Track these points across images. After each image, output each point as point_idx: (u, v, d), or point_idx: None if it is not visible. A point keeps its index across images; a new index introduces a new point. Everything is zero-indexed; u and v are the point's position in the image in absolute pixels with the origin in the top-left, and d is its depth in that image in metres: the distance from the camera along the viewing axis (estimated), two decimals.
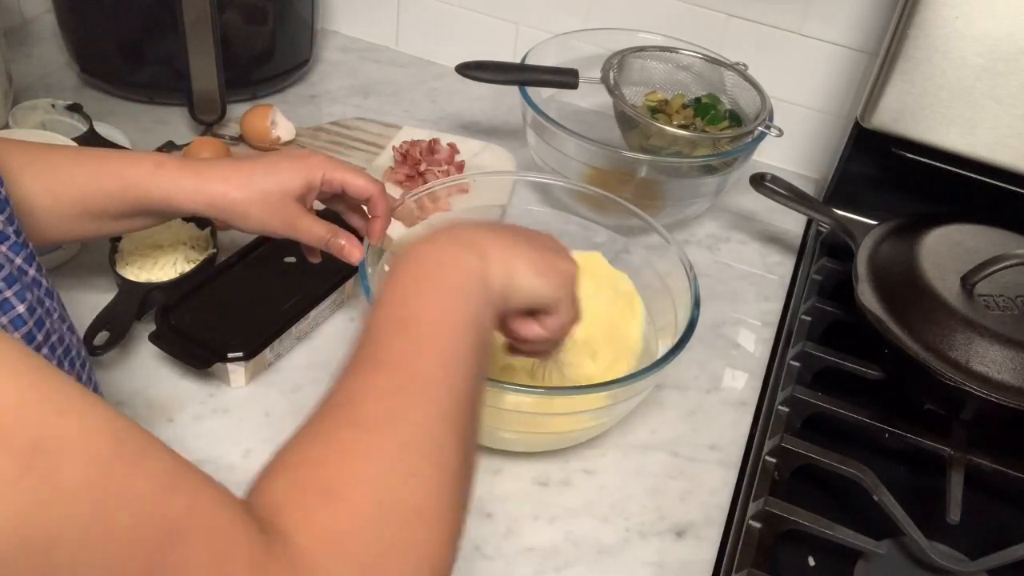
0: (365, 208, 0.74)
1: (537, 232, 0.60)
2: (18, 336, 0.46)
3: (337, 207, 0.75)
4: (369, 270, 0.71)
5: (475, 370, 0.49)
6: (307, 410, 0.75)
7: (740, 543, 0.68)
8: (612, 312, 0.77)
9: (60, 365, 0.50)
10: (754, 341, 0.88)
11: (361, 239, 0.72)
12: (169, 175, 0.66)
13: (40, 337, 0.47)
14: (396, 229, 0.77)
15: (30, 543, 0.30)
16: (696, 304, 0.72)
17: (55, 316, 0.51)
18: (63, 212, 0.65)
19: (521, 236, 0.57)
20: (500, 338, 0.61)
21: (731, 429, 0.79)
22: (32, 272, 0.51)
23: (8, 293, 0.46)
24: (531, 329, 0.58)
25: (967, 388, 0.74)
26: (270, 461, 0.43)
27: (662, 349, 0.73)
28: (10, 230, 0.50)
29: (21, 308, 0.46)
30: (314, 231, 0.70)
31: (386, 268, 0.77)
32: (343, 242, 0.71)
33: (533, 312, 0.58)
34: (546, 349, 0.62)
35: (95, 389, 0.55)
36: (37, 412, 0.31)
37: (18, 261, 0.50)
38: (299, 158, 0.71)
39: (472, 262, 0.53)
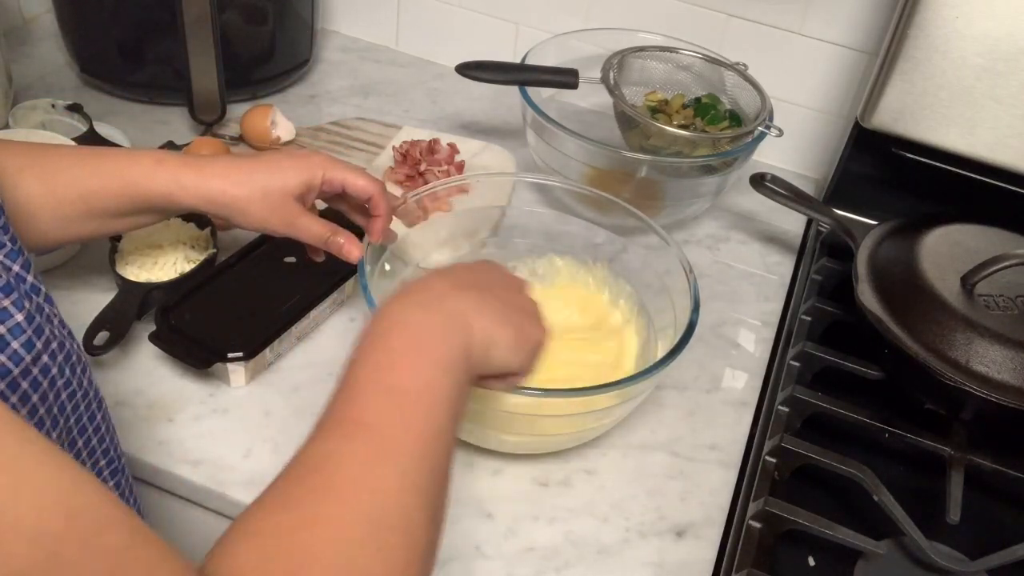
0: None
1: (516, 290, 0.62)
2: (17, 345, 0.46)
3: (339, 206, 0.75)
4: (368, 268, 0.71)
5: (451, 443, 0.50)
6: (307, 410, 0.75)
7: (740, 543, 0.68)
8: (598, 365, 0.78)
9: (60, 371, 0.50)
10: (754, 341, 0.88)
11: (361, 237, 0.72)
12: (170, 172, 0.66)
13: (39, 345, 0.47)
14: (397, 228, 0.77)
15: None
16: (696, 305, 0.72)
17: (55, 322, 0.51)
18: (65, 212, 0.65)
19: (500, 302, 0.58)
20: None
21: (731, 429, 0.79)
22: (30, 278, 0.50)
23: (6, 302, 0.46)
24: (494, 384, 0.60)
25: (967, 388, 0.74)
26: (236, 523, 0.42)
27: (662, 350, 0.73)
28: (5, 238, 0.50)
29: (19, 317, 0.46)
30: (313, 230, 0.70)
31: (387, 267, 0.77)
32: (342, 240, 0.70)
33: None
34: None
35: (95, 394, 0.54)
36: None
37: (16, 268, 0.49)
38: (300, 157, 0.71)
39: (458, 337, 0.53)
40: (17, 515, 0.31)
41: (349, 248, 0.71)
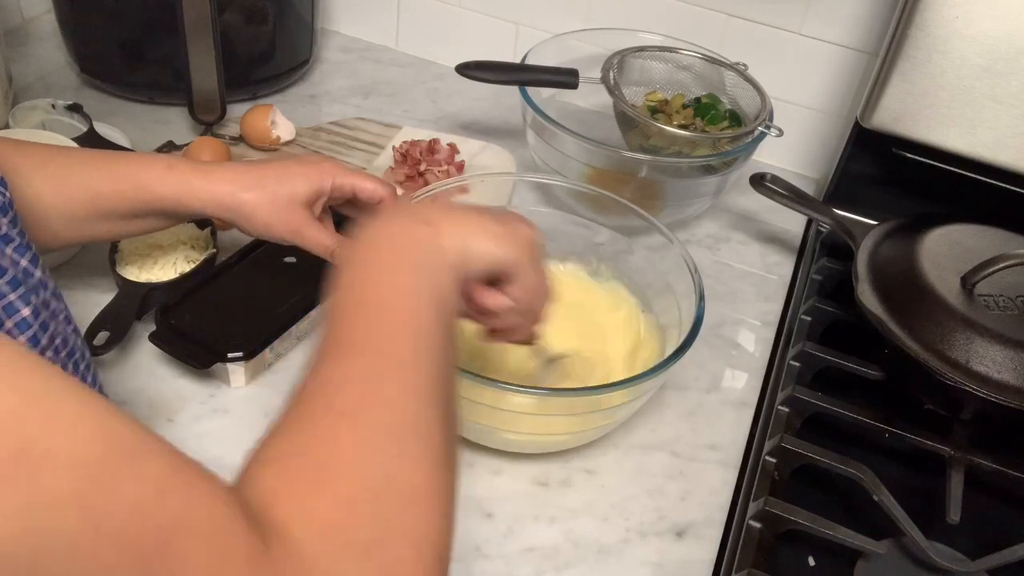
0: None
1: (499, 209, 0.60)
2: (23, 339, 0.46)
3: (349, 211, 0.75)
4: None
5: (443, 339, 0.48)
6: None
7: (740, 543, 0.68)
8: (603, 364, 0.78)
9: (63, 367, 0.50)
10: (754, 341, 0.88)
11: None
12: (180, 176, 0.67)
13: (44, 340, 0.47)
14: None
15: (15, 555, 0.29)
16: (701, 303, 0.72)
17: (60, 318, 0.51)
18: (75, 213, 0.65)
19: (476, 209, 0.57)
20: (475, 325, 0.61)
21: (731, 429, 0.79)
22: (38, 273, 0.51)
23: (13, 296, 0.46)
24: (496, 299, 0.57)
25: (967, 388, 0.74)
26: (252, 455, 0.42)
27: (667, 349, 0.73)
28: (14, 232, 0.50)
29: (26, 311, 0.46)
30: (319, 240, 0.70)
31: None
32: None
33: (495, 283, 0.57)
34: (520, 324, 0.61)
35: (98, 390, 0.55)
36: (23, 418, 0.31)
37: (23, 263, 0.50)
38: (310, 164, 0.71)
39: (422, 230, 0.52)
40: (52, 444, 0.31)
41: None
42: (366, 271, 0.50)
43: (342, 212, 0.76)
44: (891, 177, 0.97)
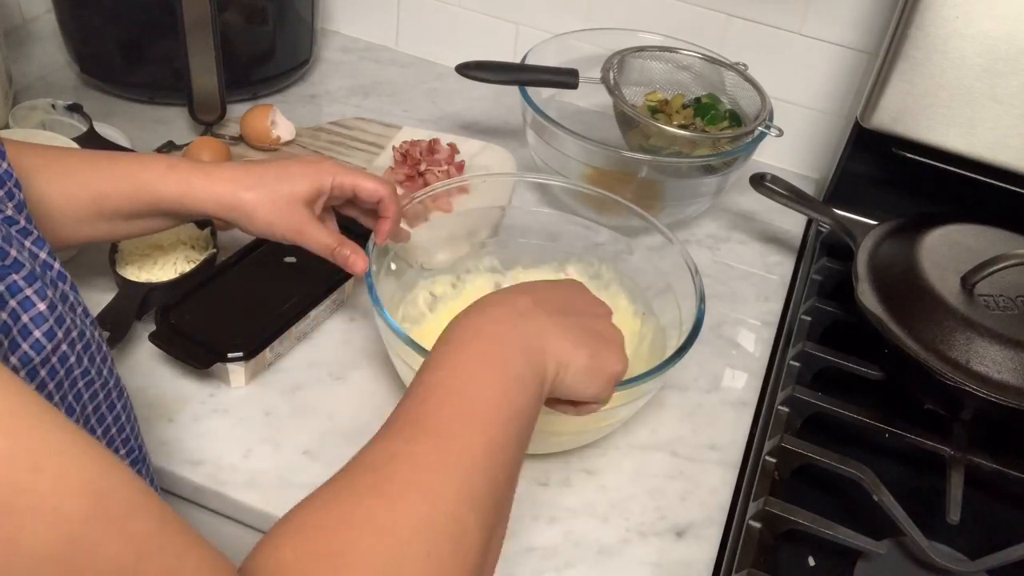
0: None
1: (599, 316, 0.60)
2: (39, 334, 0.46)
3: (351, 212, 0.75)
4: (374, 267, 0.71)
5: (515, 462, 0.49)
6: (307, 410, 0.75)
7: (740, 543, 0.68)
8: None
9: (79, 360, 0.50)
10: (754, 341, 0.88)
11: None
12: (180, 175, 0.67)
13: (60, 334, 0.47)
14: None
15: None
16: (701, 304, 0.72)
17: (79, 311, 0.51)
18: (77, 214, 0.65)
19: (580, 327, 0.56)
20: None
21: (731, 429, 0.79)
22: (57, 266, 0.51)
23: (29, 291, 0.46)
24: (564, 408, 0.59)
25: (967, 388, 0.74)
26: (284, 518, 0.41)
27: (667, 349, 0.73)
28: (31, 226, 0.50)
29: (42, 306, 0.46)
30: (321, 239, 0.70)
31: (392, 266, 0.77)
32: (348, 252, 0.70)
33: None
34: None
35: (115, 382, 0.54)
36: (10, 467, 0.30)
37: (43, 256, 0.50)
38: (310, 163, 0.71)
39: (536, 357, 0.53)
40: (36, 499, 0.30)
41: (355, 260, 0.70)
42: (475, 370, 0.50)
43: (342, 213, 0.76)
44: (891, 177, 0.97)
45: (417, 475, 0.43)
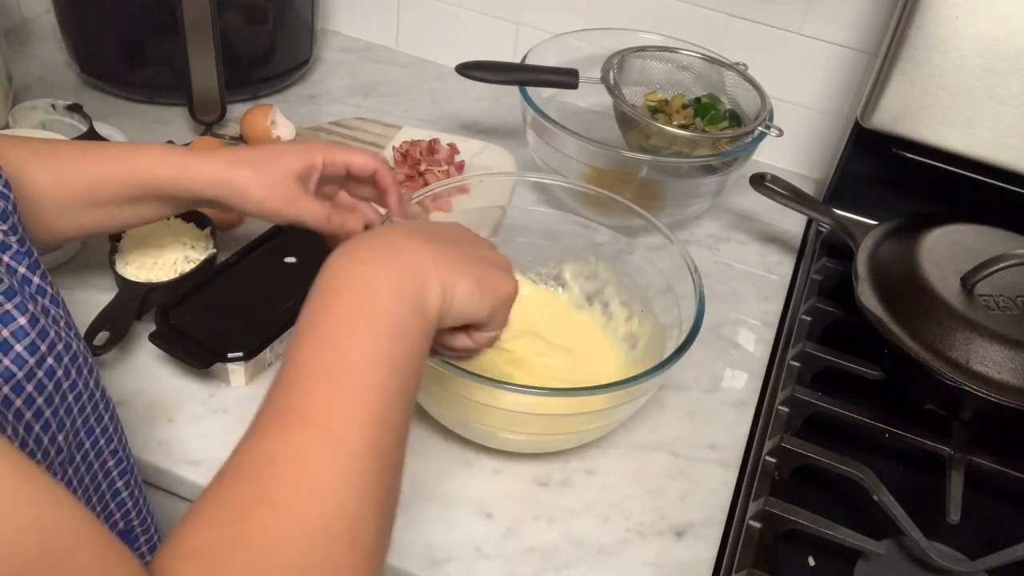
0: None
1: (483, 246, 0.58)
2: (20, 348, 0.46)
3: (352, 191, 0.76)
4: None
5: (403, 421, 0.47)
6: None
7: (740, 543, 0.68)
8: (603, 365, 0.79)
9: (66, 373, 0.49)
10: (754, 341, 0.88)
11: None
12: (175, 158, 0.68)
13: (44, 348, 0.47)
14: None
15: None
16: (701, 304, 0.72)
17: (62, 324, 0.51)
18: (72, 202, 0.65)
19: (463, 252, 0.54)
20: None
21: (731, 429, 0.79)
22: (36, 280, 0.50)
23: (8, 306, 0.46)
24: (460, 340, 0.57)
25: (967, 388, 0.74)
26: (175, 537, 0.40)
27: (667, 349, 0.73)
28: (12, 239, 0.50)
29: (23, 320, 0.46)
30: (314, 209, 0.70)
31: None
32: (341, 218, 0.71)
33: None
34: (468, 356, 0.60)
35: (102, 394, 0.54)
36: None
37: (21, 270, 0.50)
38: (301, 143, 0.75)
39: (411, 289, 0.50)
40: None
41: (351, 221, 0.71)
42: (343, 327, 0.47)
43: (352, 194, 0.76)
44: (891, 177, 0.97)
45: (303, 476, 0.42)
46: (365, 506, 0.42)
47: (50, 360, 0.48)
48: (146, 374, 0.75)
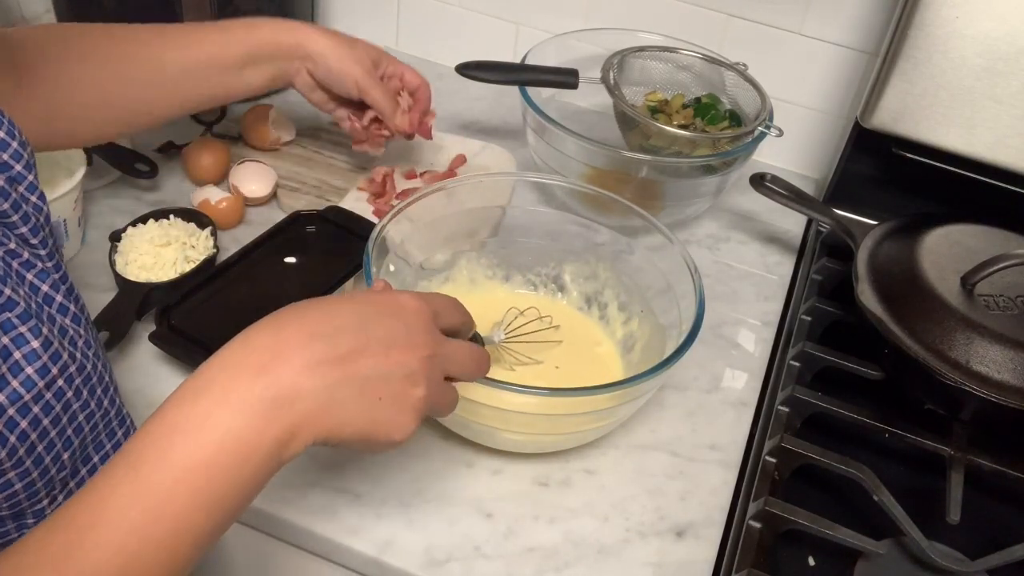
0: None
1: (414, 332, 0.50)
2: (31, 371, 0.46)
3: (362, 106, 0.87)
4: (374, 269, 0.71)
5: (206, 546, 0.42)
6: None
7: (740, 543, 0.68)
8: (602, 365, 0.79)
9: (77, 394, 0.49)
10: (754, 341, 0.88)
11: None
12: (268, 25, 0.81)
13: (55, 370, 0.47)
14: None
15: None
16: (701, 304, 0.72)
17: (80, 343, 0.51)
18: (195, 68, 0.78)
19: (372, 373, 0.47)
20: None
21: (731, 429, 0.79)
22: (59, 298, 0.50)
23: (23, 328, 0.45)
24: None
25: (967, 388, 0.74)
26: None
27: (667, 349, 0.73)
28: (41, 252, 0.50)
29: (35, 343, 0.46)
30: (382, 97, 0.85)
31: (391, 268, 0.77)
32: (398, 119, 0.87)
33: None
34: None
35: (116, 411, 0.54)
36: None
37: (44, 288, 0.49)
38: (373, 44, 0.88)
39: (268, 448, 0.43)
40: None
41: (400, 120, 0.88)
42: (157, 483, 0.41)
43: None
44: (891, 177, 0.97)
45: None
46: None
47: (60, 382, 0.47)
48: (146, 374, 0.75)
